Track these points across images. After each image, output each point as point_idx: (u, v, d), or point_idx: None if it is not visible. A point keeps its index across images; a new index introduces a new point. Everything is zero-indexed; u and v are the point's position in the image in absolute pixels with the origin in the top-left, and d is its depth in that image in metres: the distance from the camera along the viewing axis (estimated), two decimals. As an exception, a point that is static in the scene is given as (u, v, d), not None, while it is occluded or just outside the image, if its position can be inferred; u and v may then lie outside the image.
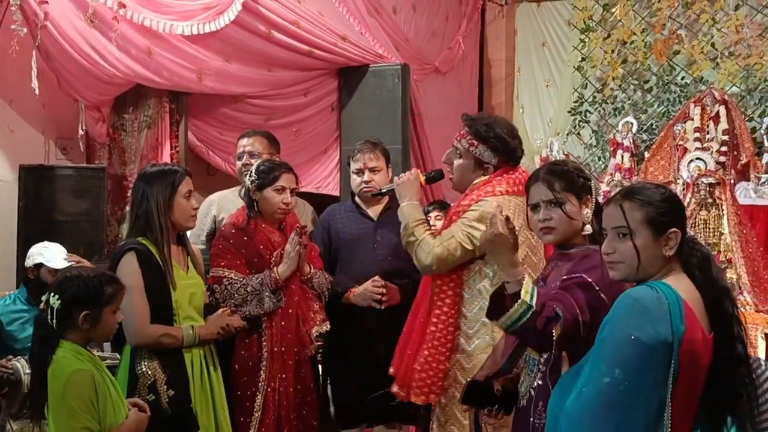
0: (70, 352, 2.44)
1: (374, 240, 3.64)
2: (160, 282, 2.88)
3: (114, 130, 4.74)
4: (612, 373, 1.79)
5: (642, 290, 1.88)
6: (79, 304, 2.44)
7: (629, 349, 1.79)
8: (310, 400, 3.37)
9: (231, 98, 5.04)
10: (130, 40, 4.24)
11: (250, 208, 3.36)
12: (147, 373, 2.83)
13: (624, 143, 6.25)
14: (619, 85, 6.99)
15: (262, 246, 3.33)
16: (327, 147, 5.84)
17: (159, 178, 2.95)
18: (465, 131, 3.06)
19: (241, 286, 3.23)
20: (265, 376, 3.23)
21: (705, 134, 5.75)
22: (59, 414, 2.39)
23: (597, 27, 7.11)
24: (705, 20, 6.55)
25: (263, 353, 3.25)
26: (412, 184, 3.16)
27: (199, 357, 2.99)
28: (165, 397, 2.80)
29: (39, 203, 4.19)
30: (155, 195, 2.91)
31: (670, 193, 1.97)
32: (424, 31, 6.75)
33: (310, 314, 3.38)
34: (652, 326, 1.78)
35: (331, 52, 5.40)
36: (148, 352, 2.85)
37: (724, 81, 6.37)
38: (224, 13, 4.54)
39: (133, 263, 2.84)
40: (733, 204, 4.93)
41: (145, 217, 2.91)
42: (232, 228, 3.36)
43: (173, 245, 3.00)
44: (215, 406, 3.02)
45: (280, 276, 3.26)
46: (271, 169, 3.36)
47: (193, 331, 2.95)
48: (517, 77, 7.73)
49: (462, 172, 3.07)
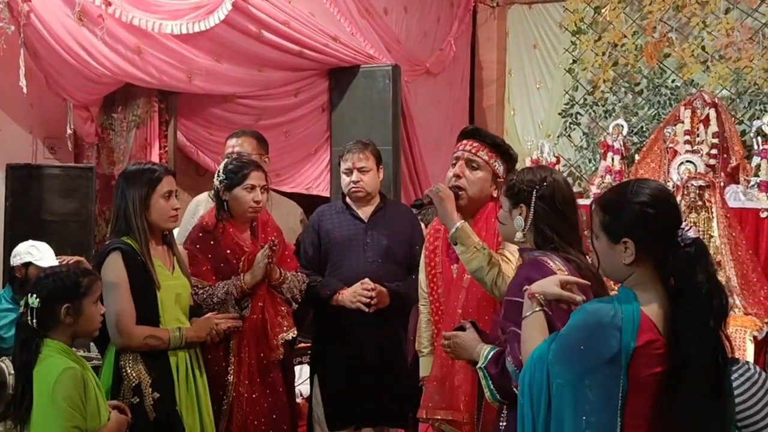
0: (57, 351, 2.42)
1: (364, 242, 3.63)
2: (145, 282, 2.85)
3: (102, 129, 4.70)
4: (561, 375, 1.80)
5: (597, 304, 1.87)
6: (59, 299, 2.42)
7: (580, 361, 1.79)
8: (280, 405, 3.33)
9: (221, 98, 5.02)
10: (120, 39, 4.22)
11: (220, 209, 3.31)
12: (132, 375, 2.79)
13: (614, 146, 6.26)
14: (609, 87, 7.00)
15: (229, 251, 3.28)
16: (317, 148, 5.83)
17: (137, 177, 2.91)
18: (479, 144, 2.93)
19: (208, 296, 3.19)
20: (232, 381, 3.20)
21: (695, 137, 5.76)
22: (47, 413, 2.35)
23: (588, 29, 7.12)
24: (695, 23, 6.57)
25: (230, 359, 3.21)
26: (451, 198, 2.86)
27: (184, 360, 2.95)
28: (150, 400, 2.76)
29: (26, 203, 4.16)
30: (132, 194, 2.87)
31: (644, 200, 1.86)
32: (416, 32, 6.75)
33: (277, 320, 3.33)
34: (603, 340, 1.77)
35: (322, 52, 5.39)
36: (133, 353, 2.81)
37: (714, 84, 6.38)
38: (214, 13, 4.52)
39: (118, 263, 2.80)
40: (723, 207, 4.94)
41: (124, 217, 2.87)
42: (200, 231, 3.32)
43: (158, 245, 2.97)
44: (200, 410, 2.98)
45: (246, 284, 3.22)
46: (240, 168, 3.30)
47: (180, 333, 2.91)
48: (508, 79, 7.73)
49: (481, 185, 2.91)
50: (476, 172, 2.90)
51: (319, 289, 3.58)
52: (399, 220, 3.70)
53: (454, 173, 2.94)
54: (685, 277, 1.81)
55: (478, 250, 2.71)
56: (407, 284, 3.49)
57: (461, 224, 2.76)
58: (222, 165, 3.36)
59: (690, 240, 1.82)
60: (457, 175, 2.92)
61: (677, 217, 1.90)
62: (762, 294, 4.83)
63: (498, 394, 2.21)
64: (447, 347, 2.44)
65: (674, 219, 1.88)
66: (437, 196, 2.83)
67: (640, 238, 1.85)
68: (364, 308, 3.49)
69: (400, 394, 3.49)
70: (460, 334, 2.41)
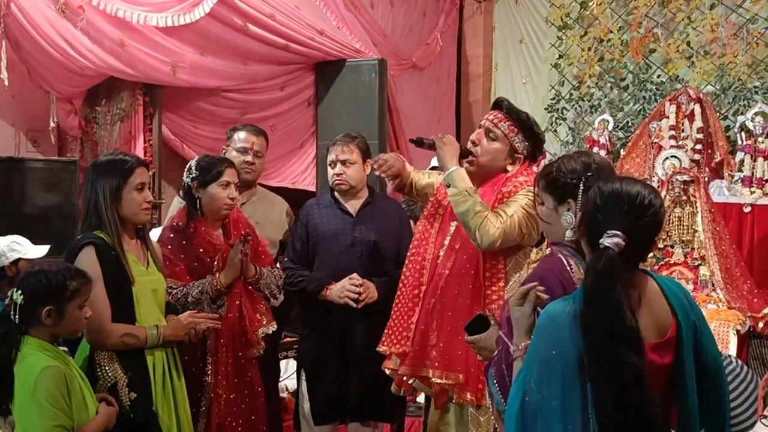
0: (37, 349, 2.38)
1: (352, 236, 3.61)
2: (119, 277, 2.73)
3: (86, 122, 4.67)
4: (541, 391, 1.75)
5: (555, 304, 1.84)
6: (42, 300, 2.38)
7: (553, 365, 1.74)
8: (258, 405, 3.27)
9: (206, 92, 4.99)
10: (103, 32, 4.19)
11: (193, 207, 3.23)
12: (107, 374, 2.67)
13: (600, 140, 6.28)
14: (595, 82, 7.02)
15: (202, 249, 3.21)
16: (303, 142, 5.81)
17: (108, 168, 2.78)
18: (503, 115, 2.93)
19: (182, 296, 3.12)
20: (210, 382, 3.14)
21: (680, 132, 5.80)
22: (28, 413, 2.33)
23: (574, 24, 7.13)
24: (681, 19, 6.60)
25: (207, 359, 3.15)
26: (456, 147, 2.91)
27: (161, 359, 2.84)
28: (126, 400, 2.65)
29: (8, 196, 4.11)
30: (103, 186, 2.74)
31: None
32: (402, 26, 6.74)
33: (256, 316, 3.28)
34: (564, 340, 1.74)
35: (308, 46, 5.37)
36: (108, 352, 2.69)
37: (699, 79, 6.41)
38: (199, 5, 4.50)
39: (91, 257, 2.67)
40: (707, 201, 4.97)
41: (95, 209, 2.75)
42: (170, 232, 3.23)
43: (131, 239, 2.85)
44: (177, 411, 2.88)
45: (222, 284, 3.17)
46: (214, 165, 3.24)
47: (158, 331, 2.79)
48: (494, 74, 7.74)
49: (495, 156, 2.92)
50: (493, 143, 2.92)
51: (307, 283, 3.56)
52: (387, 215, 3.69)
53: (470, 139, 2.98)
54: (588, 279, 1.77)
55: (470, 195, 2.79)
56: (395, 279, 3.48)
57: (457, 168, 2.84)
58: (194, 161, 3.29)
59: (604, 246, 1.75)
60: (473, 141, 2.96)
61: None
62: (745, 288, 4.87)
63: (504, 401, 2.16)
64: (475, 350, 2.38)
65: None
66: (441, 141, 2.91)
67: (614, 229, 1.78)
68: (352, 304, 3.47)
69: (387, 389, 3.48)
70: (483, 336, 2.31)
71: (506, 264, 2.87)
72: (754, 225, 5.36)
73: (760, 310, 4.77)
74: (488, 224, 2.75)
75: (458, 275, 2.90)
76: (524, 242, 2.88)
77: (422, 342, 2.95)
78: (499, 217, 2.79)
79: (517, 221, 2.79)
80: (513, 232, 2.79)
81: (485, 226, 2.75)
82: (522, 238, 2.84)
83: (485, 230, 2.75)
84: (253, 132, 3.83)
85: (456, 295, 2.89)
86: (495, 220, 2.77)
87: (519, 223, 2.79)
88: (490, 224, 2.75)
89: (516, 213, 2.80)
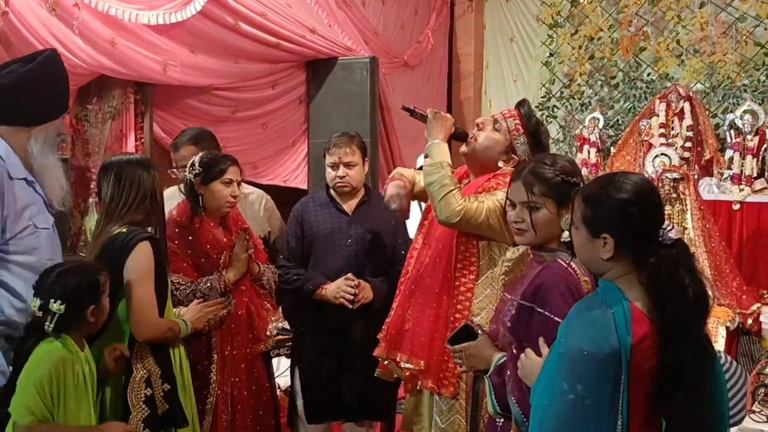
0: (58, 342, 2.39)
1: (348, 235, 3.61)
2: (163, 274, 2.78)
3: (77, 120, 4.64)
4: (574, 390, 1.75)
5: (589, 301, 1.85)
6: (86, 300, 2.41)
7: (585, 363, 1.74)
8: (266, 400, 3.30)
9: (197, 90, 4.98)
10: (94, 30, 4.16)
11: (196, 203, 3.24)
12: (145, 367, 2.71)
13: (590, 138, 6.31)
14: (586, 80, 7.05)
15: (209, 245, 3.22)
16: (295, 140, 5.80)
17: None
18: (517, 113, 2.95)
19: (191, 292, 3.14)
20: (216, 379, 3.15)
21: (670, 130, 5.83)
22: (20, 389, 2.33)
23: (565, 23, 7.16)
24: (671, 17, 6.62)
25: (213, 356, 3.17)
26: (447, 124, 2.92)
27: (178, 353, 2.90)
28: (160, 392, 2.70)
29: (0, 195, 4.09)
30: (154, 183, 2.78)
31: (626, 198, 1.83)
32: (393, 24, 6.74)
33: (263, 312, 3.31)
34: (601, 339, 1.74)
35: (299, 44, 5.37)
36: (145, 345, 2.73)
37: (688, 78, 6.44)
38: (191, 4, 4.48)
39: (149, 253, 2.69)
40: (697, 199, 5.00)
41: (141, 205, 2.76)
42: (176, 227, 3.22)
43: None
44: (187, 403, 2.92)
45: (230, 280, 3.19)
46: (217, 162, 3.25)
47: (187, 324, 2.88)
48: (485, 72, 7.76)
49: (492, 145, 2.92)
50: (495, 133, 2.94)
51: (303, 282, 3.56)
52: (383, 214, 3.67)
53: (476, 121, 3.01)
54: (669, 279, 1.78)
55: (442, 168, 2.80)
56: (390, 278, 3.48)
57: (440, 142, 2.86)
58: (197, 158, 3.28)
59: (672, 241, 1.79)
60: (478, 124, 2.98)
61: (659, 217, 1.86)
62: (734, 285, 4.90)
63: (498, 405, 2.17)
64: (458, 359, 2.38)
65: (656, 218, 1.84)
66: (433, 113, 2.92)
67: (619, 236, 1.82)
68: (347, 304, 3.47)
69: (381, 388, 3.49)
70: (472, 344, 2.31)
71: (479, 258, 2.86)
72: (743, 222, 5.39)
73: (749, 306, 4.80)
74: (452, 198, 2.75)
75: (432, 264, 2.93)
76: (495, 237, 2.83)
77: (398, 325, 2.99)
78: (468, 198, 2.78)
79: (485, 209, 2.76)
80: (477, 216, 2.75)
81: (447, 199, 2.75)
82: (489, 230, 2.80)
83: (446, 203, 2.75)
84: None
85: (428, 283, 2.92)
86: (460, 197, 2.77)
87: (487, 211, 2.76)
88: (453, 199, 2.75)
89: (487, 201, 2.78)
